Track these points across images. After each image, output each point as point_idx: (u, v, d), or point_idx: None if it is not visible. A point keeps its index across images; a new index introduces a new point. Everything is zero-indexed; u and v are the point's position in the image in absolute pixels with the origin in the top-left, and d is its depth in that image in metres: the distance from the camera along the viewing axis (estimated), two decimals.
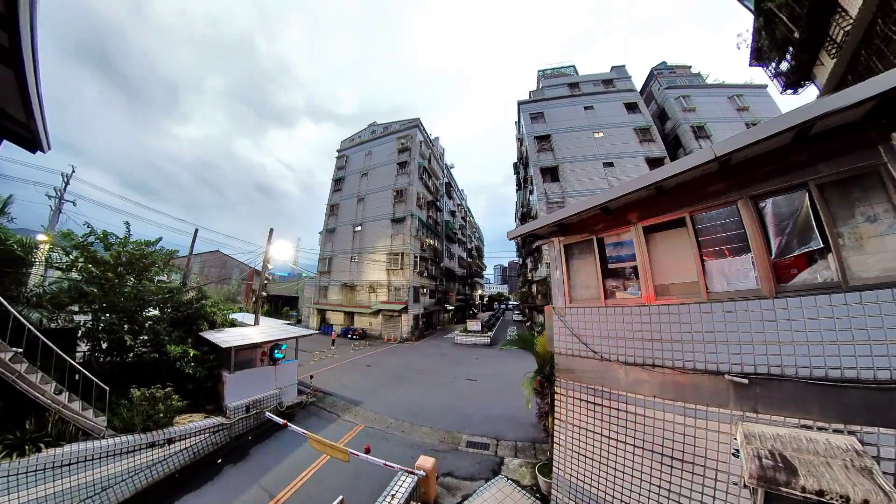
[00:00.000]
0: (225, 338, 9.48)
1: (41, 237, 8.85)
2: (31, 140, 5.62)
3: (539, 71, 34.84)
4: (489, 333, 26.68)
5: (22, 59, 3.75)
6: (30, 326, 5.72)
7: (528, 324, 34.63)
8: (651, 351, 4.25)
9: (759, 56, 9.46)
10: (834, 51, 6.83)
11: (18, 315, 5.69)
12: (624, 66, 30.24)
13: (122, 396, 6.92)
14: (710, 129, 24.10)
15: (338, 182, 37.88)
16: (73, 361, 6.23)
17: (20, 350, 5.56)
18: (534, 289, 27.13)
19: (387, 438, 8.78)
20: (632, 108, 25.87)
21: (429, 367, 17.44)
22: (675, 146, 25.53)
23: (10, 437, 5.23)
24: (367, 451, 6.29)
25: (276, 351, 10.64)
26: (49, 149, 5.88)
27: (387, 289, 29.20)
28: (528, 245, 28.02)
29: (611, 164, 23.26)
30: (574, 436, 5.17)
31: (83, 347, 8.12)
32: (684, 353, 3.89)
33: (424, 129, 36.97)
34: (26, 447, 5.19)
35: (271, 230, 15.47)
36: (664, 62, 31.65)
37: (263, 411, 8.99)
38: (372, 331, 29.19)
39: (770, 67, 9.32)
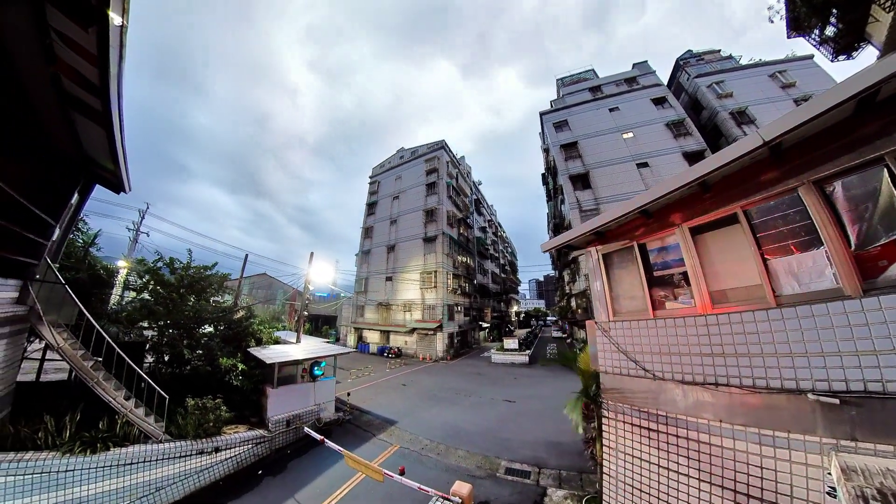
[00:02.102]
0: (269, 354, 10.02)
1: (121, 263, 10.22)
2: (116, 184, 6.73)
3: (557, 79, 34.59)
4: (527, 352, 25.46)
5: (111, 120, 4.55)
6: (108, 339, 6.52)
7: (568, 340, 32.67)
8: (712, 367, 3.73)
9: (796, 26, 8.52)
10: (889, 4, 6.03)
11: (100, 329, 6.52)
12: (646, 61, 29.07)
13: (178, 405, 7.50)
14: (752, 112, 21.91)
15: (371, 206, 39.80)
16: (140, 371, 6.93)
17: (100, 359, 6.34)
18: (573, 303, 25.65)
19: (421, 461, 8.51)
20: (660, 102, 24.50)
21: (465, 387, 16.92)
22: (714, 136, 23.48)
23: (86, 434, 5.90)
24: (402, 473, 6.11)
25: (315, 368, 10.99)
26: (129, 190, 6.98)
27: (421, 307, 29.36)
28: (563, 257, 26.88)
29: (645, 165, 21.91)
30: (626, 466, 4.61)
31: (149, 359, 9.04)
32: (753, 369, 3.35)
33: (450, 150, 38.02)
34: (98, 445, 5.82)
35: (311, 254, 16.44)
36: (689, 50, 29.48)
37: (302, 426, 9.19)
38: (407, 349, 29.24)
39: (813, 35, 8.35)
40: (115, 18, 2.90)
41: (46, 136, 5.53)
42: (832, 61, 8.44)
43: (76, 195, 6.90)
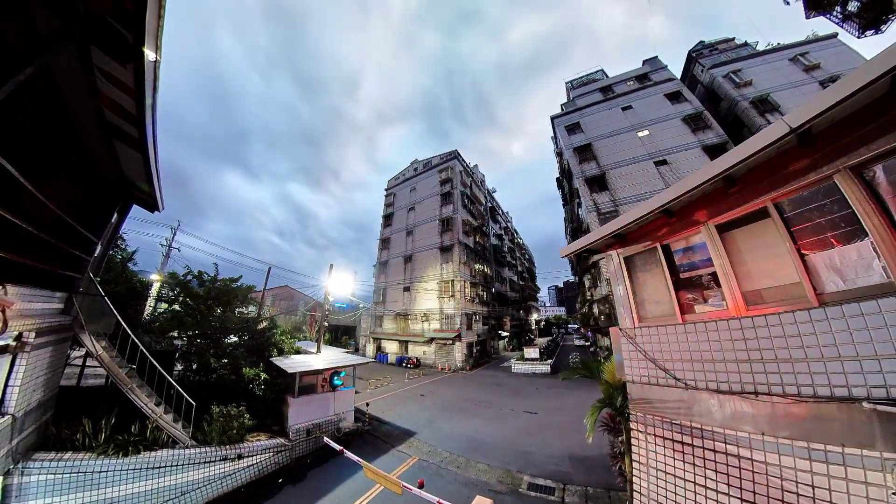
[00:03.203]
0: (291, 364, 10.23)
1: (154, 276, 10.85)
2: (151, 204, 7.26)
3: (567, 83, 34.35)
4: (549, 361, 24.71)
5: (147, 146, 4.94)
6: (142, 348, 6.90)
7: (591, 349, 31.50)
8: (750, 375, 3.45)
9: (815, 4, 8.00)
10: None
11: (135, 339, 6.91)
12: (656, 56, 28.45)
13: (204, 412, 7.74)
14: (775, 99, 20.70)
15: (387, 218, 40.57)
16: (170, 378, 7.26)
17: (134, 366, 6.72)
18: (595, 309, 24.74)
19: (441, 473, 8.32)
20: (675, 97, 23.68)
21: (485, 398, 16.55)
22: (736, 127, 22.34)
23: (119, 437, 6.22)
24: (421, 486, 6.00)
25: (335, 377, 11.09)
26: (163, 209, 7.51)
27: (439, 317, 29.25)
28: (583, 262, 26.18)
29: (664, 162, 21.07)
30: (658, 483, 4.30)
31: (178, 367, 9.44)
32: (797, 376, 3.07)
33: (463, 159, 38.39)
34: (130, 448, 6.11)
35: (331, 266, 16.83)
36: (701, 41, 28.42)
37: (322, 436, 9.24)
38: (426, 359, 29.08)
39: (834, 13, 7.78)
40: (149, 55, 3.15)
41: (91, 161, 6.05)
42: (859, 38, 7.82)
43: (115, 215, 7.45)
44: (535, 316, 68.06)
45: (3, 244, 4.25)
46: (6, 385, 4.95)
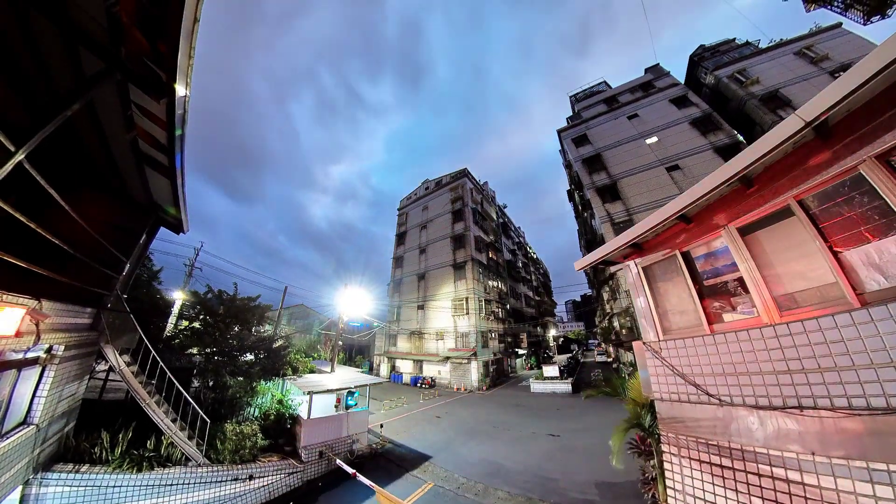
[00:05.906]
0: (305, 383, 10.19)
1: (176, 294, 11.24)
2: (178, 226, 7.65)
3: (570, 96, 34.88)
4: (570, 379, 23.61)
5: (175, 173, 5.27)
6: (161, 364, 7.03)
7: (614, 365, 29.96)
8: (792, 387, 3.16)
9: None
10: None
11: (156, 355, 7.08)
12: (657, 64, 28.66)
13: (217, 429, 7.69)
14: (785, 94, 20.21)
15: (400, 237, 41.18)
16: (187, 395, 7.33)
17: (153, 382, 6.82)
18: (615, 322, 23.72)
19: (458, 501, 7.88)
20: (681, 102, 23.53)
21: (503, 419, 15.85)
22: (747, 126, 21.90)
23: (135, 452, 6.24)
24: None
25: (349, 397, 10.93)
26: (188, 231, 7.88)
27: (454, 335, 28.76)
28: (599, 274, 25.44)
29: (675, 168, 20.71)
30: None
31: (195, 383, 9.53)
32: (846, 386, 2.78)
33: (473, 177, 38.99)
34: (144, 464, 6.09)
35: (345, 285, 17.01)
36: (702, 45, 28.52)
37: (335, 458, 9.00)
38: (441, 379, 28.37)
39: (836, 3, 7.64)
40: (180, 90, 3.41)
41: (125, 187, 6.48)
42: (864, 25, 7.62)
43: (144, 235, 7.87)
44: (552, 332, 65.84)
45: (42, 261, 4.52)
46: (33, 396, 5.12)
